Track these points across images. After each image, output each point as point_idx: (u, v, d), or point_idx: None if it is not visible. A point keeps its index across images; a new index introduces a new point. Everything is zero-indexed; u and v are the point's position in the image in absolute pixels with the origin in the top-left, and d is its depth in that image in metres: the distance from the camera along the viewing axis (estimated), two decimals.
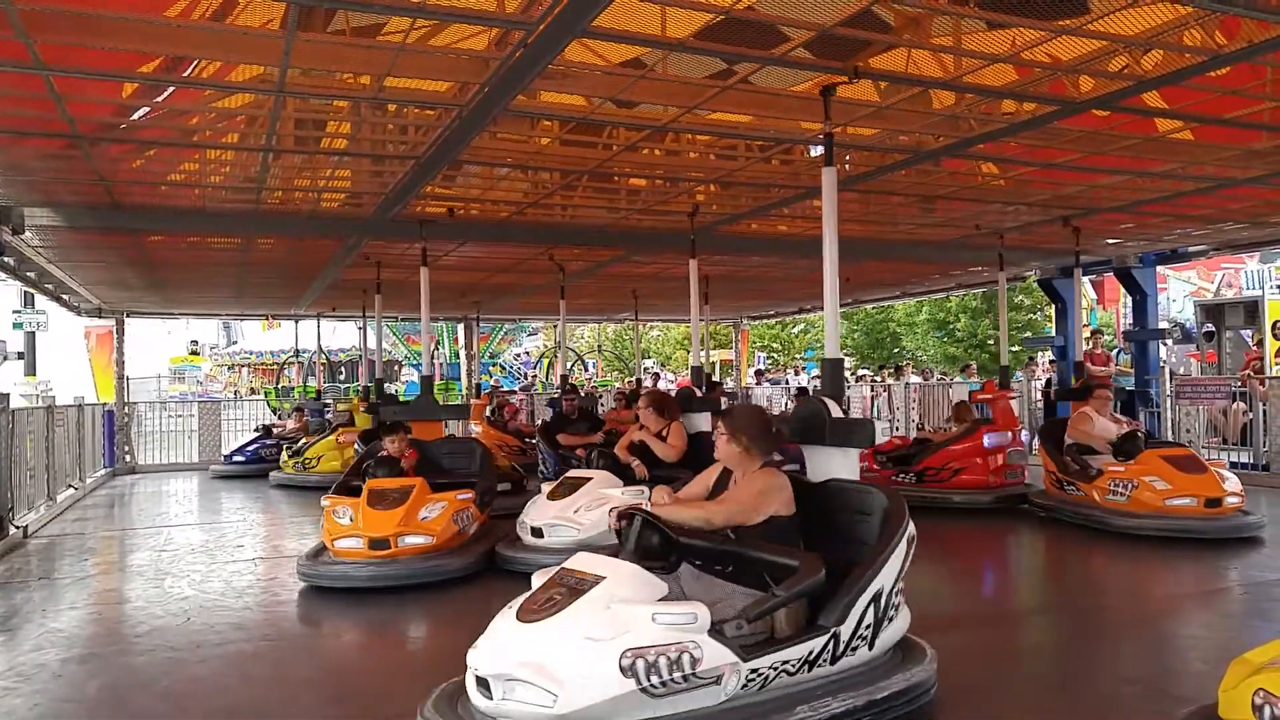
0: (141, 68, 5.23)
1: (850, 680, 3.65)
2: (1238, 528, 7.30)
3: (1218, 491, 7.38)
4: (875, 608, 3.71)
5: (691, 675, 3.25)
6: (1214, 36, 4.95)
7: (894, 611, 3.83)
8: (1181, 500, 7.38)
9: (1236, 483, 7.58)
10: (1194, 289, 25.94)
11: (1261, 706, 2.72)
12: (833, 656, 3.60)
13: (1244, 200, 9.04)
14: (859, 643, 3.68)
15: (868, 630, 3.70)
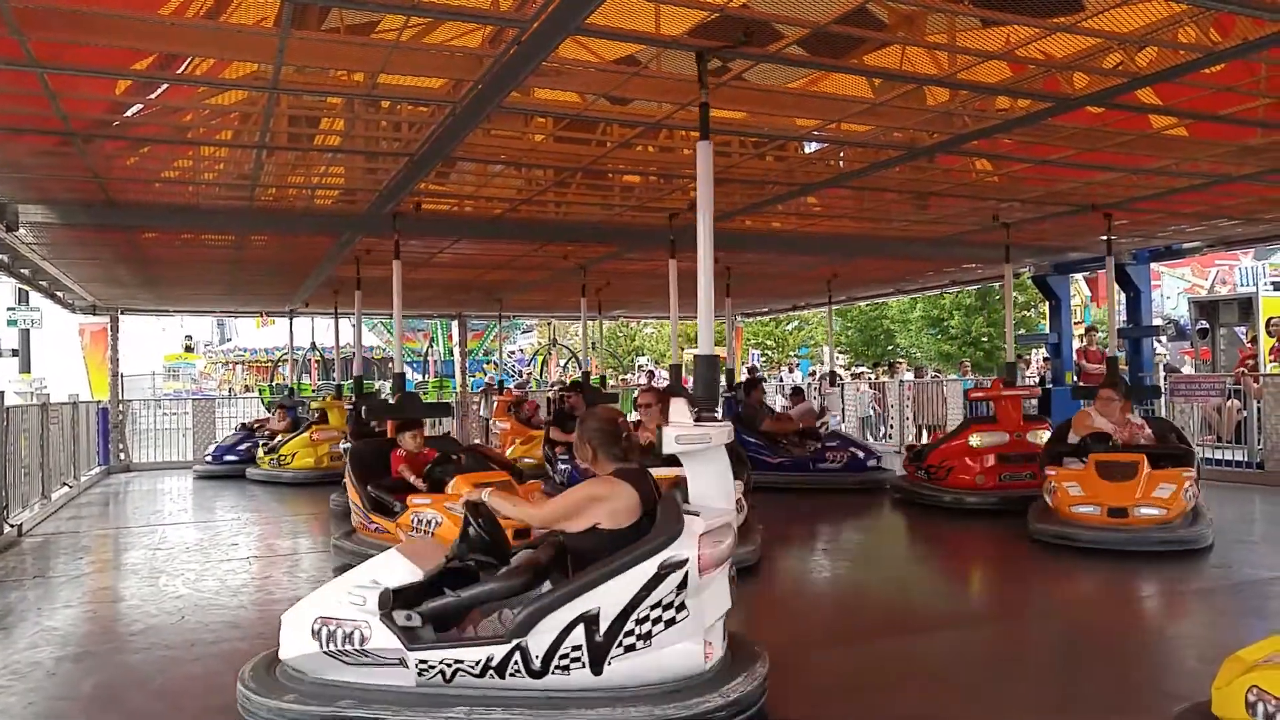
0: (135, 65, 5.22)
1: (580, 699, 3.48)
2: (1137, 540, 6.79)
3: (1125, 501, 6.91)
4: (590, 630, 3.49)
5: (365, 651, 3.63)
6: (1208, 33, 4.95)
7: (642, 642, 3.50)
8: (1084, 508, 7.04)
9: (1171, 492, 6.89)
10: (1188, 286, 26.02)
11: (1255, 703, 2.73)
12: (528, 670, 3.51)
13: (1238, 197, 9.05)
14: (570, 663, 3.50)
15: (578, 653, 3.49)
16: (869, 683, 4.30)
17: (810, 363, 32.19)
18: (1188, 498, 6.96)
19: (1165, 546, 6.75)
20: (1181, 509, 6.90)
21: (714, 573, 3.61)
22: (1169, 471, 7.05)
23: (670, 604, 3.51)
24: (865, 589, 6.48)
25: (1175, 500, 6.88)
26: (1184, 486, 6.94)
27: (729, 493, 3.92)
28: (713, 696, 3.45)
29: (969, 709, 3.93)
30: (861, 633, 5.20)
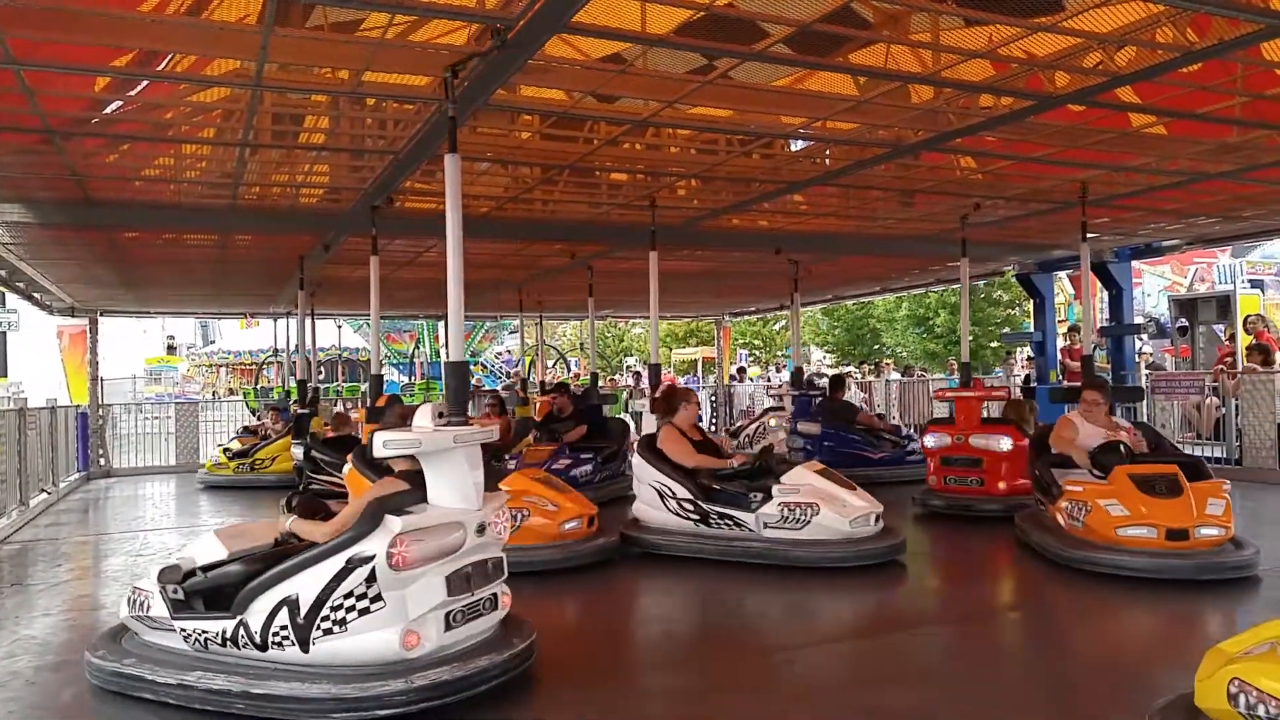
0: (114, 62, 5.18)
1: (284, 673, 3.92)
2: (1207, 567, 5.81)
3: (1184, 520, 5.88)
4: (292, 613, 3.89)
5: (151, 617, 4.33)
6: (1185, 33, 5.01)
7: (338, 627, 3.84)
8: (1136, 530, 5.95)
9: (1223, 507, 6.00)
10: (1168, 284, 26.23)
11: (1237, 695, 2.75)
12: (253, 643, 3.99)
13: (1216, 194, 9.14)
14: (282, 641, 3.92)
15: (286, 632, 3.90)
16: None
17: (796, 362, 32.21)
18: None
19: (1234, 573, 5.81)
20: (1231, 528, 6.02)
21: (422, 568, 3.89)
22: (1209, 485, 6.13)
23: (363, 595, 3.84)
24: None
25: (1229, 517, 5.99)
26: (1228, 502, 6.06)
27: (469, 494, 4.13)
28: (394, 682, 3.77)
29: (958, 707, 3.95)
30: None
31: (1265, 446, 10.38)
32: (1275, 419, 10.38)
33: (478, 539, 4.10)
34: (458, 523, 4.04)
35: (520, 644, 4.21)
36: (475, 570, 4.11)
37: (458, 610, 4.04)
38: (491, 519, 4.22)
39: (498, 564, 4.29)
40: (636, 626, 5.69)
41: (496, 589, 4.28)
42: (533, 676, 4.28)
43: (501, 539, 4.34)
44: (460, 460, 4.14)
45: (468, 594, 4.06)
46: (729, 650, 4.76)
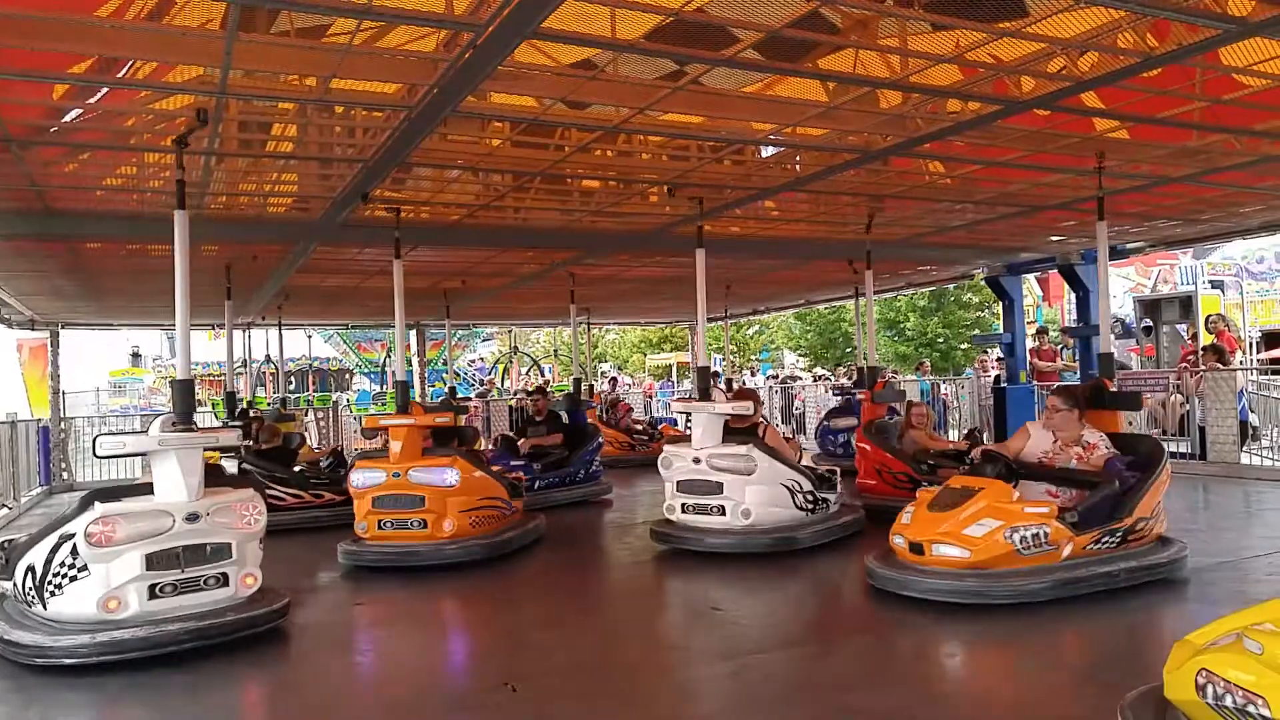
0: (73, 68, 5.10)
1: (36, 625, 4.85)
2: (933, 587, 5.36)
3: (923, 534, 5.53)
4: (31, 577, 4.85)
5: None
6: (1145, 39, 5.09)
7: (59, 590, 4.78)
8: (896, 539, 5.77)
9: (989, 532, 5.33)
10: (1133, 285, 26.60)
11: (1205, 686, 2.79)
12: (26, 600, 4.94)
13: (1177, 198, 9.29)
14: (34, 598, 4.87)
15: (32, 593, 4.86)
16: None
17: (771, 365, 32.38)
18: (1016, 541, 5.29)
19: (957, 598, 5.27)
20: (996, 554, 5.30)
21: (123, 547, 4.76)
22: (1010, 507, 5.44)
23: (72, 565, 4.76)
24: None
25: (988, 544, 5.32)
26: (1017, 526, 5.32)
27: (181, 490, 5.00)
28: (81, 636, 4.63)
29: (924, 705, 3.97)
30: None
31: (1227, 442, 10.55)
32: (1236, 415, 10.56)
33: (189, 525, 4.94)
34: (165, 512, 4.92)
35: (234, 616, 4.98)
36: (188, 552, 4.93)
37: (165, 584, 4.86)
38: (210, 511, 5.02)
39: (220, 548, 5.05)
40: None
41: (227, 569, 5.07)
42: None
43: (238, 528, 5.14)
44: (174, 462, 4.99)
45: (177, 571, 4.89)
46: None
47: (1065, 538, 5.41)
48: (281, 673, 4.88)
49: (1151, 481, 5.82)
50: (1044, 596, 5.27)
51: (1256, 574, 5.91)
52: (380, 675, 4.73)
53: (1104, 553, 5.57)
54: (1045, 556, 5.37)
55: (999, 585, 5.27)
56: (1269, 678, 2.62)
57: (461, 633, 5.80)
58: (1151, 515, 5.85)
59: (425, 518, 7.00)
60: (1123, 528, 5.62)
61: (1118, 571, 5.50)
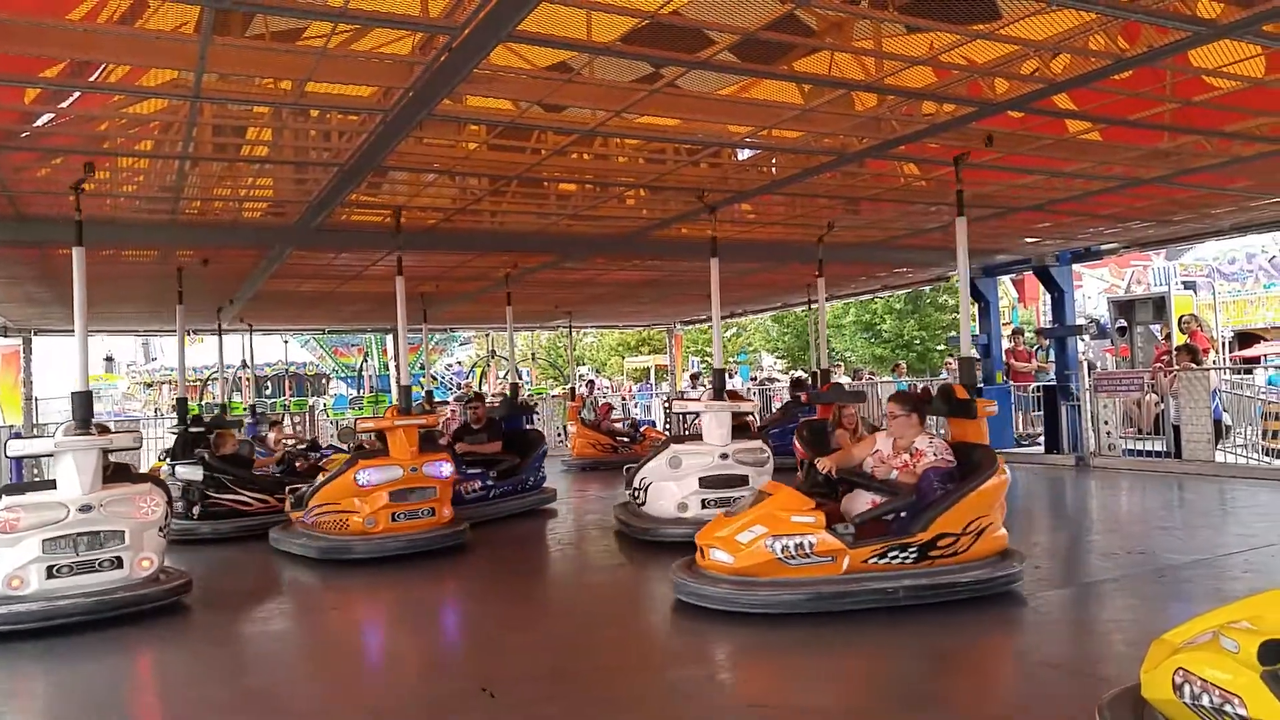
0: (44, 72, 5.04)
1: None
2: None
3: (707, 539, 5.49)
4: None
5: None
6: (1116, 41, 5.14)
7: None
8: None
9: (752, 537, 5.28)
10: (1107, 286, 26.87)
11: (1181, 685, 2.79)
12: None
13: (1150, 199, 9.38)
14: None
15: None
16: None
17: (749, 368, 32.44)
18: (777, 550, 5.19)
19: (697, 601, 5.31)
20: (758, 561, 5.23)
21: (23, 533, 5.45)
22: (779, 515, 5.34)
23: None
24: None
25: (751, 551, 5.25)
26: (781, 535, 5.22)
27: (76, 485, 5.65)
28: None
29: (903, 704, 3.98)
30: None
31: (1201, 440, 10.66)
32: (1210, 414, 10.67)
33: (82, 515, 5.60)
34: (60, 503, 5.59)
35: (125, 594, 5.65)
36: (84, 538, 5.60)
37: (62, 565, 5.54)
38: (104, 502, 5.69)
39: (114, 535, 5.69)
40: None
41: (121, 553, 5.70)
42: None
43: (134, 518, 5.79)
44: (69, 462, 5.68)
45: (72, 554, 5.55)
46: None
47: (838, 550, 5.16)
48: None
49: (961, 495, 5.32)
50: (801, 609, 5.09)
51: (1232, 571, 5.96)
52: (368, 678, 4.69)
53: (893, 567, 5.21)
54: (819, 568, 5.16)
55: (747, 594, 5.15)
56: (1245, 676, 2.62)
57: (445, 631, 5.77)
58: (964, 530, 5.31)
59: (434, 506, 7.60)
60: (917, 542, 5.22)
61: (896, 590, 5.15)
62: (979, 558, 5.40)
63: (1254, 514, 8.01)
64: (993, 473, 5.48)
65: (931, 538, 5.26)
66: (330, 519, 7.43)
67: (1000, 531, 5.56)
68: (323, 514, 7.47)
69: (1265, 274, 26.94)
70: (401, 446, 7.55)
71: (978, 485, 5.40)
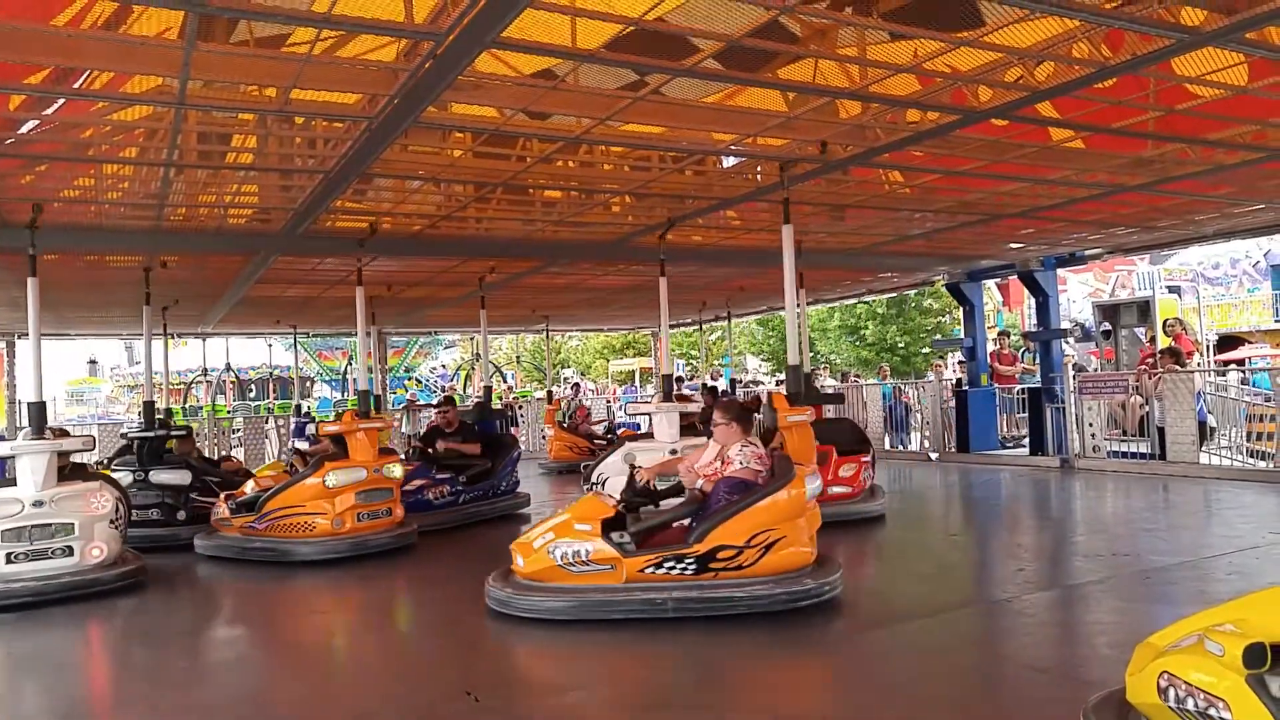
0: (28, 79, 5.01)
1: None
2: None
3: (518, 542, 5.65)
4: None
5: None
6: (1100, 49, 5.17)
7: None
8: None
9: (539, 543, 5.43)
10: (1091, 290, 27.04)
11: (1166, 689, 2.80)
12: None
13: (1133, 206, 9.44)
14: None
15: None
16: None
17: (734, 370, 32.47)
18: (557, 557, 5.30)
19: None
20: (541, 567, 5.36)
21: None
22: (566, 521, 5.45)
23: None
24: None
25: (538, 556, 5.40)
26: (560, 542, 5.33)
27: (30, 483, 6.43)
28: None
29: (890, 710, 3.99)
30: None
31: (1185, 442, 10.73)
32: (1194, 416, 10.75)
33: (35, 509, 6.36)
34: (15, 499, 6.38)
35: (72, 579, 6.34)
36: (36, 529, 6.35)
37: (18, 552, 6.29)
38: (54, 498, 6.42)
39: (64, 527, 6.42)
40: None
41: (73, 541, 6.43)
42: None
43: (85, 512, 6.49)
44: (25, 463, 6.45)
45: (26, 543, 6.30)
46: None
47: (615, 559, 5.18)
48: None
49: (741, 508, 5.20)
50: (565, 615, 5.17)
51: (1217, 574, 5.99)
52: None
53: (671, 578, 5.15)
54: (599, 576, 5.22)
55: (518, 599, 5.29)
56: (1230, 680, 2.63)
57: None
58: (747, 544, 5.16)
59: (390, 506, 7.91)
60: (694, 554, 5.14)
61: (664, 601, 5.09)
62: (770, 573, 5.19)
63: (1238, 516, 8.07)
64: (784, 485, 5.29)
65: (709, 549, 5.14)
66: (292, 521, 7.55)
67: (800, 547, 5.31)
68: (282, 517, 7.57)
69: (1249, 278, 27.20)
70: (364, 449, 7.80)
71: (762, 498, 5.24)
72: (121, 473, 8.70)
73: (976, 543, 8.04)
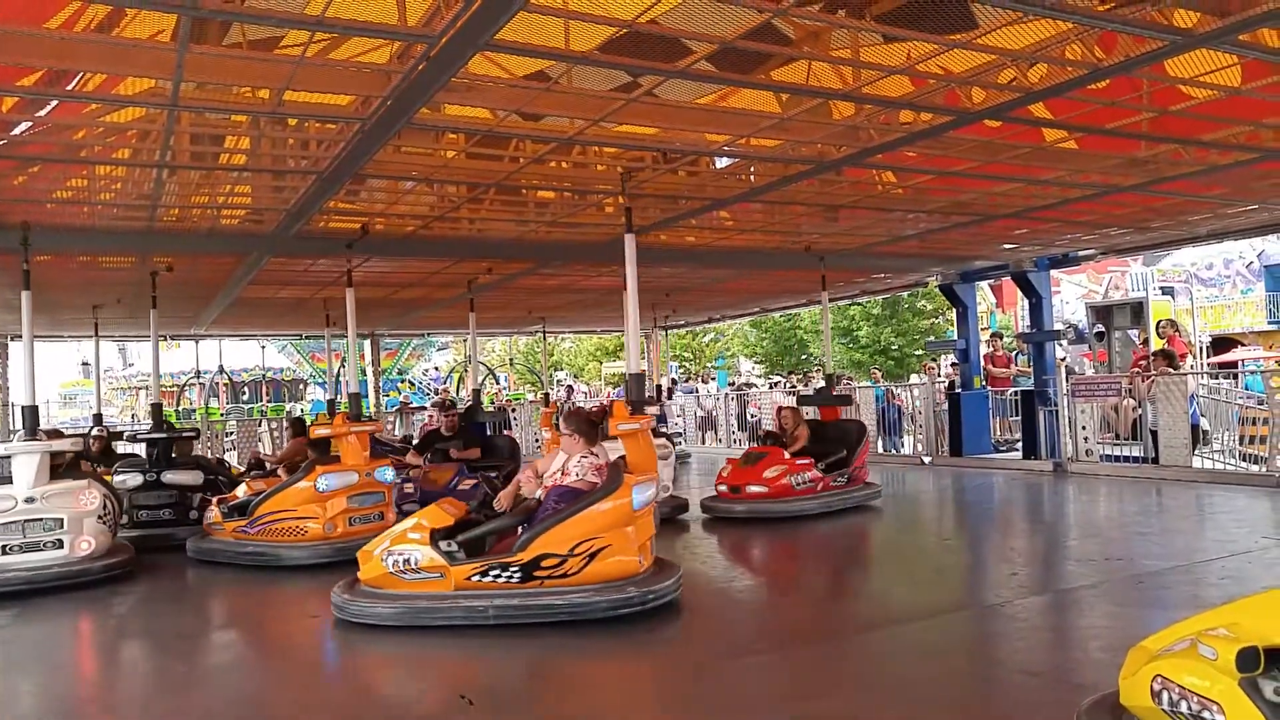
0: (22, 80, 4.99)
1: None
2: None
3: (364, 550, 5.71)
4: None
5: None
6: (1093, 50, 5.18)
7: None
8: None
9: (379, 549, 5.49)
10: (1085, 292, 27.10)
11: (1160, 692, 2.80)
12: None
13: (1127, 206, 9.46)
14: None
15: None
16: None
17: (727, 373, 32.51)
18: (389, 564, 5.37)
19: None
20: (376, 574, 5.43)
21: None
22: (401, 527, 5.59)
23: None
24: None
25: (373, 563, 5.47)
26: (394, 549, 5.39)
27: (24, 480, 6.81)
28: None
29: (885, 713, 3.98)
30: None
31: (1179, 445, 10.74)
32: (1187, 419, 10.76)
33: (27, 505, 6.79)
34: (10, 496, 6.78)
35: (60, 569, 6.75)
36: (29, 523, 6.78)
37: (12, 544, 6.72)
38: (45, 495, 6.84)
39: (54, 522, 6.83)
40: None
41: (62, 535, 6.83)
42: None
43: (73, 508, 6.89)
44: (21, 463, 6.86)
45: (19, 536, 6.73)
46: None
47: (443, 566, 5.23)
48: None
49: (563, 517, 5.29)
50: (391, 621, 5.23)
51: (1210, 578, 5.99)
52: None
53: (497, 586, 5.21)
54: (430, 584, 5.27)
55: (352, 605, 5.35)
56: (1223, 683, 2.63)
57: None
58: (571, 552, 5.22)
59: (382, 510, 7.88)
60: (518, 562, 5.19)
61: (486, 608, 5.15)
62: (595, 581, 5.25)
63: (1232, 519, 8.08)
64: (607, 495, 5.36)
65: (533, 558, 5.19)
66: (284, 526, 7.53)
67: (627, 556, 5.35)
68: (274, 521, 7.55)
69: (1242, 279, 27.29)
70: (354, 452, 7.79)
71: (584, 507, 5.32)
72: (132, 473, 8.95)
73: (969, 546, 8.05)
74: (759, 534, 8.34)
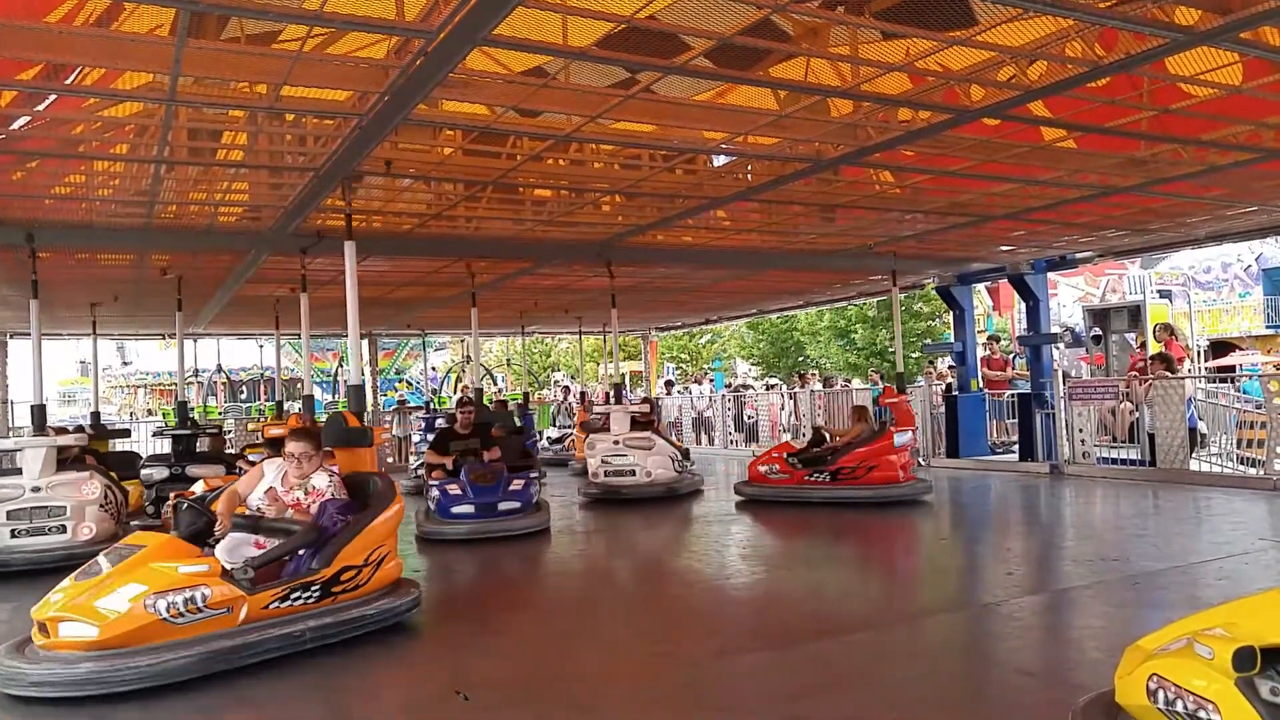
0: (20, 75, 4.98)
1: None
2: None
3: (50, 612, 4.47)
4: None
5: None
6: (1094, 48, 5.17)
7: None
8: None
9: (127, 598, 4.41)
10: (1082, 295, 27.09)
11: (1156, 691, 2.80)
12: None
13: (1125, 208, 9.45)
14: None
15: None
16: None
17: (724, 375, 32.49)
18: (162, 610, 4.40)
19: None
20: (138, 626, 4.38)
21: None
22: (163, 569, 4.57)
23: None
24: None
25: (128, 616, 4.37)
26: (166, 591, 4.46)
27: (34, 471, 7.54)
28: None
29: (880, 713, 3.97)
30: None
31: (1175, 448, 10.74)
32: (1184, 422, 10.76)
33: (34, 494, 7.50)
34: (19, 485, 7.51)
35: (62, 551, 7.32)
36: (35, 510, 7.49)
37: (21, 529, 7.47)
38: (49, 485, 7.54)
39: (58, 509, 7.53)
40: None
41: (65, 521, 7.54)
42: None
43: (75, 497, 7.57)
44: (28, 456, 7.58)
45: (27, 522, 7.46)
46: None
47: (236, 598, 4.62)
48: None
49: (363, 526, 5.23)
50: (196, 672, 4.39)
51: (1206, 579, 5.99)
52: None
53: (298, 609, 4.87)
54: (214, 623, 4.54)
55: (126, 667, 4.26)
56: (1219, 683, 2.63)
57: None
58: (365, 561, 5.20)
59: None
60: (321, 579, 4.98)
61: (302, 632, 4.79)
62: (380, 588, 5.35)
63: (1228, 522, 8.08)
64: (392, 501, 5.52)
65: (335, 573, 5.06)
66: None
67: (396, 560, 5.54)
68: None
69: (1240, 283, 27.28)
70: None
71: (380, 514, 5.39)
72: (159, 467, 9.74)
73: (965, 547, 8.04)
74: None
